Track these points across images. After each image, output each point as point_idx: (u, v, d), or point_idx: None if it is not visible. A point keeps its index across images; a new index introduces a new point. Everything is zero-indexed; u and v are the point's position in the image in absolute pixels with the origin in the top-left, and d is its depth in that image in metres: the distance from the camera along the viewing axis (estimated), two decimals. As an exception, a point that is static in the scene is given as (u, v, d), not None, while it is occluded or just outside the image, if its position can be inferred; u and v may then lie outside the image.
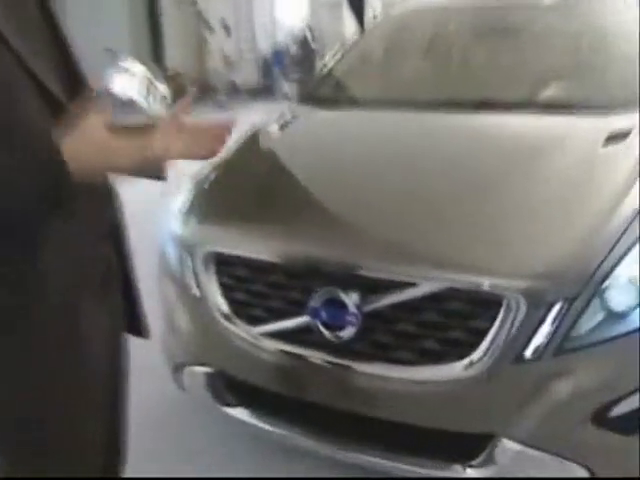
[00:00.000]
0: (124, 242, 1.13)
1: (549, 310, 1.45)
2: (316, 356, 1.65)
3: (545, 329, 1.46)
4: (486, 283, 1.47)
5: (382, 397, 1.62)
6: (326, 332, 1.62)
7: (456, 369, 1.51)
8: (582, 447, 1.52)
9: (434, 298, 1.51)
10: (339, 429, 1.73)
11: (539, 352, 1.47)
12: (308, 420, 1.76)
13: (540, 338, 1.47)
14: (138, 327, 1.17)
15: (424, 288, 1.51)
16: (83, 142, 0.87)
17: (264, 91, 11.36)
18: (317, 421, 1.75)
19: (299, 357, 1.67)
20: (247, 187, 1.97)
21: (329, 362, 1.64)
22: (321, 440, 1.73)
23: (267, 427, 1.82)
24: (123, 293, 1.12)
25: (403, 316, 1.55)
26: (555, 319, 1.45)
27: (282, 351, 1.70)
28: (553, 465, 1.52)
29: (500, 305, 1.46)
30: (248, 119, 2.52)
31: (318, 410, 1.70)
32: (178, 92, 1.00)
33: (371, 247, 1.61)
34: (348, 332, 1.58)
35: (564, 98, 2.17)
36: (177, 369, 1.97)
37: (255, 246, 1.72)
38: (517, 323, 1.46)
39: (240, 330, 1.75)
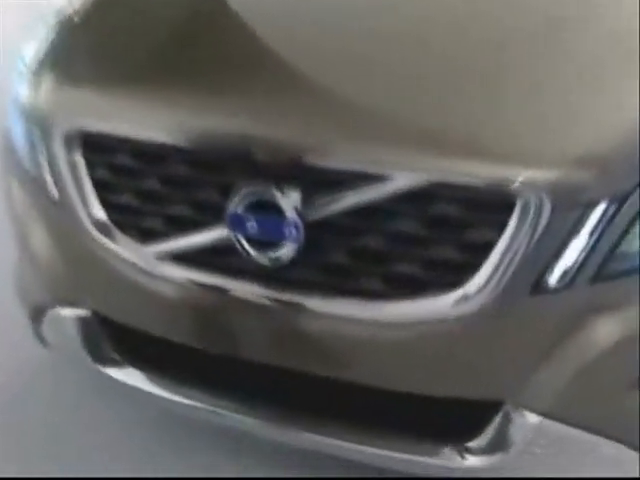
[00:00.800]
0: None
1: (586, 215, 1.42)
2: (241, 288, 1.62)
3: (579, 243, 1.43)
4: (491, 173, 1.43)
5: (337, 348, 1.61)
6: (253, 251, 1.58)
7: (445, 304, 1.49)
8: (631, 420, 1.52)
9: (413, 198, 1.46)
10: (283, 399, 1.74)
11: (569, 278, 1.44)
12: (238, 387, 1.77)
13: (571, 257, 1.44)
14: None
15: (399, 182, 1.46)
16: None
17: None
18: (251, 388, 1.75)
19: (216, 290, 1.64)
20: (148, 29, 1.90)
21: (260, 297, 1.61)
22: (258, 416, 1.75)
23: (175, 398, 1.83)
24: None
25: (366, 226, 1.51)
26: (595, 228, 1.42)
27: (190, 282, 1.66)
28: (587, 446, 1.54)
29: (512, 207, 1.42)
30: None
31: (250, 371, 1.70)
32: None
33: (323, 120, 1.55)
34: (285, 251, 1.55)
35: None
36: (37, 316, 1.96)
37: (149, 121, 1.65)
38: (537, 234, 1.42)
39: (125, 250, 1.71)
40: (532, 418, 1.55)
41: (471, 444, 1.61)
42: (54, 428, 2.22)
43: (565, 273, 1.45)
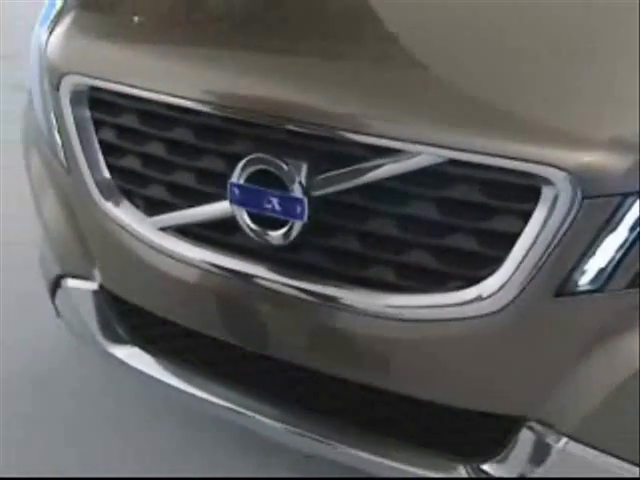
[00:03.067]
0: None
1: (625, 206, 1.27)
2: (242, 268, 1.54)
3: (615, 240, 1.28)
4: (516, 153, 1.28)
5: (339, 342, 1.51)
6: (255, 228, 1.49)
7: (461, 301, 1.38)
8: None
9: (429, 177, 1.34)
10: (280, 392, 1.66)
11: (602, 280, 1.30)
12: (244, 380, 1.70)
13: (606, 255, 1.29)
14: None
15: (414, 158, 1.34)
16: None
17: None
18: (251, 378, 1.68)
19: (217, 269, 1.57)
20: None
21: (260, 278, 1.52)
22: (263, 413, 1.66)
23: (179, 385, 1.76)
24: None
25: (376, 207, 1.40)
26: (636, 223, 1.27)
27: (190, 258, 1.61)
28: (617, 473, 1.40)
29: (537, 195, 1.29)
30: None
31: (250, 360, 1.63)
32: None
33: (335, 88, 1.44)
34: (288, 230, 1.45)
35: None
36: (52, 287, 1.93)
37: (156, 80, 1.56)
38: (567, 227, 1.28)
39: (130, 220, 1.65)
40: (556, 439, 1.42)
41: (487, 466, 1.49)
42: (74, 419, 2.20)
43: (598, 274, 1.31)
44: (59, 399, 2.24)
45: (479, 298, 1.36)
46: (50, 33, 1.76)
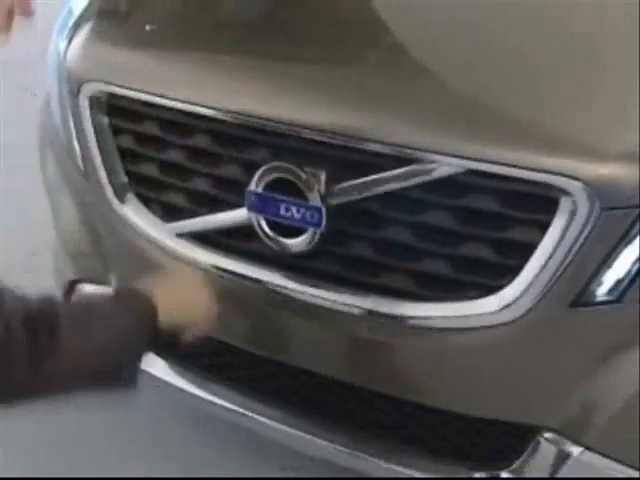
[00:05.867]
0: None
1: None
2: (258, 275, 1.56)
3: (633, 252, 1.30)
4: (535, 164, 1.29)
5: (355, 350, 1.53)
6: (272, 235, 1.50)
7: (477, 310, 1.39)
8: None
9: (447, 187, 1.36)
10: (299, 404, 1.66)
11: (620, 290, 1.32)
12: (258, 385, 1.71)
13: (623, 267, 1.31)
14: None
15: (432, 168, 1.36)
16: None
17: None
18: (271, 388, 1.69)
19: (233, 275, 1.58)
20: None
21: (277, 285, 1.53)
22: (275, 418, 1.67)
23: (199, 393, 1.77)
24: None
25: (394, 216, 1.42)
26: None
27: (208, 264, 1.61)
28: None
29: (555, 205, 1.30)
30: None
31: (264, 365, 1.64)
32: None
33: (354, 99, 1.45)
34: (305, 238, 1.46)
35: None
36: (66, 292, 1.93)
37: (176, 88, 1.58)
38: (584, 238, 1.29)
39: (147, 226, 1.66)
40: (572, 449, 1.43)
41: (504, 474, 1.49)
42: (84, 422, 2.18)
43: (615, 285, 1.32)
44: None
45: (496, 307, 1.37)
46: (69, 41, 1.77)
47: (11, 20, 1.14)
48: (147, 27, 1.73)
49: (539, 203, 1.31)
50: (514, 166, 1.30)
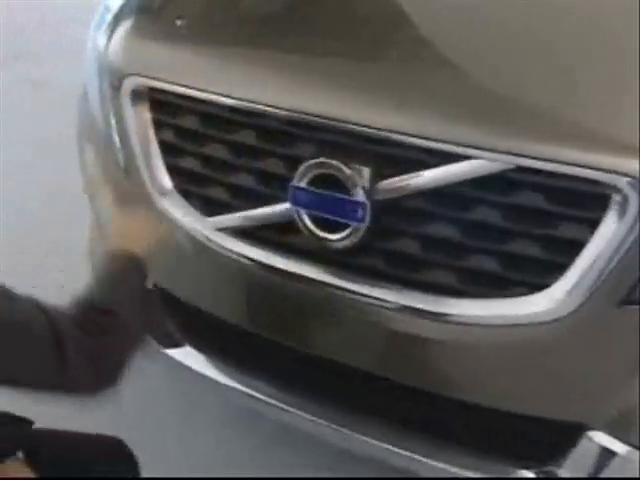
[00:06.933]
0: None
1: None
2: (300, 270, 1.55)
3: None
4: (585, 161, 1.28)
5: (399, 346, 1.52)
6: (315, 231, 1.49)
7: (524, 308, 1.38)
8: None
9: (494, 183, 1.35)
10: (341, 398, 1.66)
11: None
12: (301, 381, 1.71)
13: None
14: None
15: (479, 164, 1.35)
16: None
17: None
18: (314, 383, 1.69)
19: (275, 270, 1.57)
20: None
21: (319, 281, 1.53)
22: (318, 414, 1.67)
23: (237, 386, 1.78)
24: None
25: (440, 212, 1.41)
26: None
27: (249, 259, 1.60)
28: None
29: (607, 202, 1.29)
30: None
31: (303, 361, 1.63)
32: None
33: (399, 93, 1.45)
34: (349, 233, 1.46)
35: None
36: None
37: (220, 83, 1.59)
38: (633, 235, 1.28)
39: (187, 220, 1.67)
40: (618, 448, 1.42)
41: (550, 473, 1.48)
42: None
43: None
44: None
45: (543, 305, 1.36)
46: (109, 36, 1.78)
47: None
48: (177, 22, 1.73)
49: (588, 200, 1.31)
50: (563, 163, 1.29)
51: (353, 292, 1.50)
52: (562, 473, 1.49)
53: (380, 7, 1.66)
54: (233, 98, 1.55)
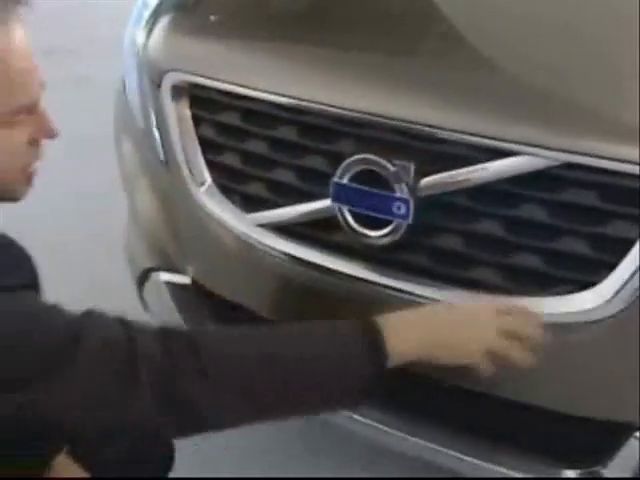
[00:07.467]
0: None
1: None
2: (341, 267, 1.54)
3: None
4: (634, 157, 1.26)
5: None
6: (357, 227, 1.48)
7: (570, 306, 1.36)
8: None
9: (541, 180, 1.34)
10: (382, 396, 1.61)
11: None
12: None
13: None
14: None
15: (525, 161, 1.33)
16: None
17: None
18: None
19: (315, 267, 1.56)
20: None
21: (361, 279, 1.52)
22: (362, 413, 1.64)
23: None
24: None
25: (485, 209, 1.39)
26: None
27: (289, 256, 1.60)
28: None
29: None
30: None
31: None
32: None
33: (445, 88, 1.43)
34: (392, 230, 1.45)
35: None
36: (140, 279, 1.94)
37: (261, 78, 1.58)
38: None
39: (227, 217, 1.66)
40: None
41: (597, 473, 1.46)
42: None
43: None
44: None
45: (591, 303, 1.34)
46: (149, 32, 1.78)
47: (29, 177, 1.23)
48: (211, 17, 1.72)
49: (637, 197, 1.28)
50: (613, 159, 1.28)
51: (395, 289, 1.49)
52: (607, 473, 1.46)
53: (420, 3, 1.65)
54: (275, 94, 1.54)
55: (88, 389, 1.10)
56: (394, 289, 1.49)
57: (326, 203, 1.50)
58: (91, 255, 2.80)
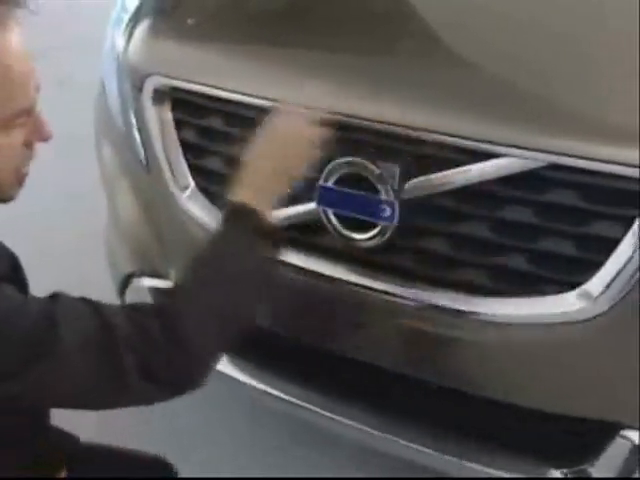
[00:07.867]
0: None
1: None
2: (327, 270, 1.54)
3: None
4: (617, 157, 1.27)
5: (429, 346, 1.51)
6: (342, 230, 1.48)
7: (557, 307, 1.37)
8: None
9: (525, 181, 1.34)
10: (368, 397, 1.65)
11: None
12: (323, 379, 1.70)
13: None
14: None
15: (510, 162, 1.34)
16: None
17: None
18: (336, 382, 1.68)
19: (301, 271, 1.56)
20: None
21: (347, 281, 1.52)
22: (342, 413, 1.66)
23: (260, 386, 1.76)
24: None
25: (470, 210, 1.40)
26: None
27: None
28: None
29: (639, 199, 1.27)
30: None
31: (330, 362, 1.63)
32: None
33: (427, 90, 1.43)
34: (377, 233, 1.45)
35: None
36: (123, 285, 1.92)
37: (243, 82, 1.57)
38: None
39: (211, 220, 1.65)
40: None
41: (585, 472, 1.47)
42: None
43: None
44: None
45: (577, 303, 1.35)
46: (129, 35, 1.76)
47: (22, 178, 1.22)
48: (190, 21, 1.71)
49: (622, 197, 1.29)
50: (597, 160, 1.28)
51: (381, 291, 1.49)
52: (594, 472, 1.47)
53: (401, 3, 1.64)
54: (256, 97, 1.53)
55: (75, 379, 1.11)
56: (380, 291, 1.49)
57: (311, 206, 1.50)
58: (80, 254, 2.77)
